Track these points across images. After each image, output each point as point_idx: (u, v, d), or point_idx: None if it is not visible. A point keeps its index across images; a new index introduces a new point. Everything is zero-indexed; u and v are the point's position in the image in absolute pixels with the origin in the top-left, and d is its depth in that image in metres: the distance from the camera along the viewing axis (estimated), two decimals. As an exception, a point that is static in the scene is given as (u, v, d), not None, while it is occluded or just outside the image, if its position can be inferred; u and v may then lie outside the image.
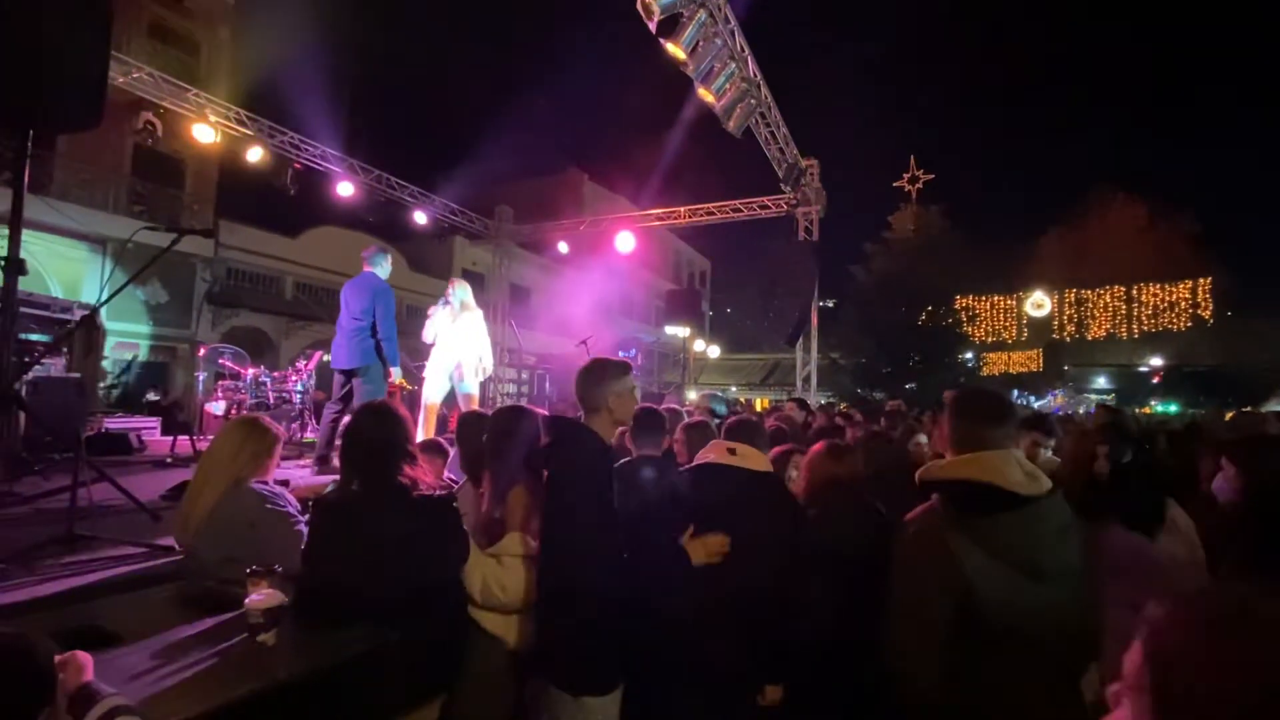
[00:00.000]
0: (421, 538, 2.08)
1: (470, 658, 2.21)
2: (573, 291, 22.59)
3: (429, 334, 5.46)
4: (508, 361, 14.40)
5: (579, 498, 2.04)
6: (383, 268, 5.13)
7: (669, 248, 33.08)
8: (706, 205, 12.89)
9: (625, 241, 13.19)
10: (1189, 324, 21.96)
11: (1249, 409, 15.80)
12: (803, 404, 6.64)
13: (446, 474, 3.14)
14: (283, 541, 2.24)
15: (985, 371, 25.71)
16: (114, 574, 2.40)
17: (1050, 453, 2.88)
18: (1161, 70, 68.00)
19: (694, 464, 2.19)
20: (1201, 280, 22.34)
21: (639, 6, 5.29)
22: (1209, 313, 22.23)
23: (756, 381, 25.05)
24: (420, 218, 12.14)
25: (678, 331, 13.19)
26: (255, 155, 9.41)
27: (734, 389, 25.39)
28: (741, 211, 12.42)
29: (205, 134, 8.78)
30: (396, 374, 5.04)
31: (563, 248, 14.27)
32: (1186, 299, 22.05)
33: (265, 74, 15.90)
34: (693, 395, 12.24)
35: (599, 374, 2.13)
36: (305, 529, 2.27)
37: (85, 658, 1.32)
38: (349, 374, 4.97)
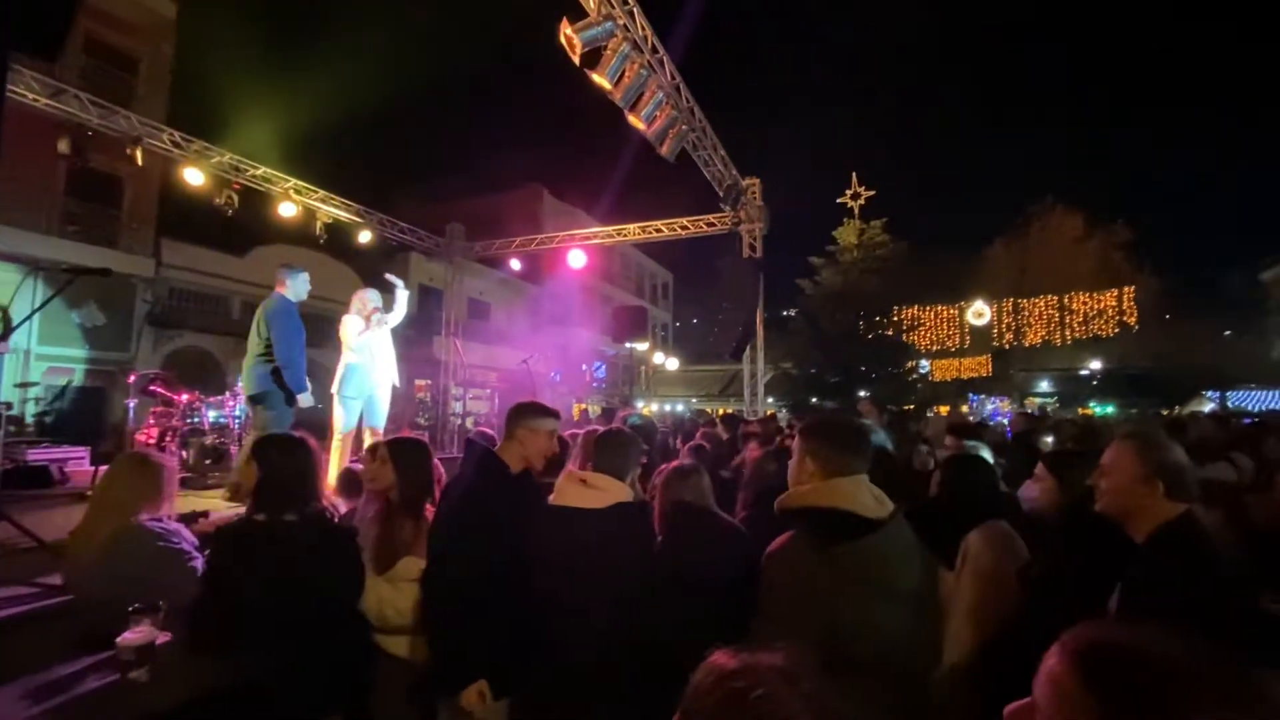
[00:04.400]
0: (319, 568, 2.14)
1: (374, 680, 2.30)
2: (533, 305, 22.61)
3: (362, 346, 5.22)
4: (458, 380, 14.37)
5: (454, 508, 2.18)
6: (292, 287, 4.96)
7: (631, 261, 33.36)
8: (656, 223, 13.16)
9: (577, 259, 13.41)
10: (1116, 330, 23.69)
11: (1174, 410, 16.69)
12: (731, 420, 6.80)
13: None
14: (176, 580, 2.24)
15: (937, 377, 26.67)
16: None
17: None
18: (1096, 87, 71.78)
19: (549, 505, 2.15)
20: (1126, 289, 23.97)
21: (562, 39, 5.48)
22: (1134, 319, 23.86)
23: (715, 393, 25.42)
24: (367, 236, 12.08)
25: (638, 344, 13.40)
26: (194, 177, 9.28)
27: (695, 400, 25.69)
28: (689, 229, 12.70)
29: (139, 158, 8.65)
30: (305, 400, 4.85)
31: (515, 265, 14.37)
32: (1113, 306, 23.80)
33: (208, 91, 15.65)
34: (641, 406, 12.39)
35: (519, 410, 2.35)
36: (201, 565, 2.32)
37: None
38: (251, 401, 4.87)
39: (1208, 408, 18.92)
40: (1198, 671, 0.58)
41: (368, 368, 5.28)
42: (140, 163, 8.47)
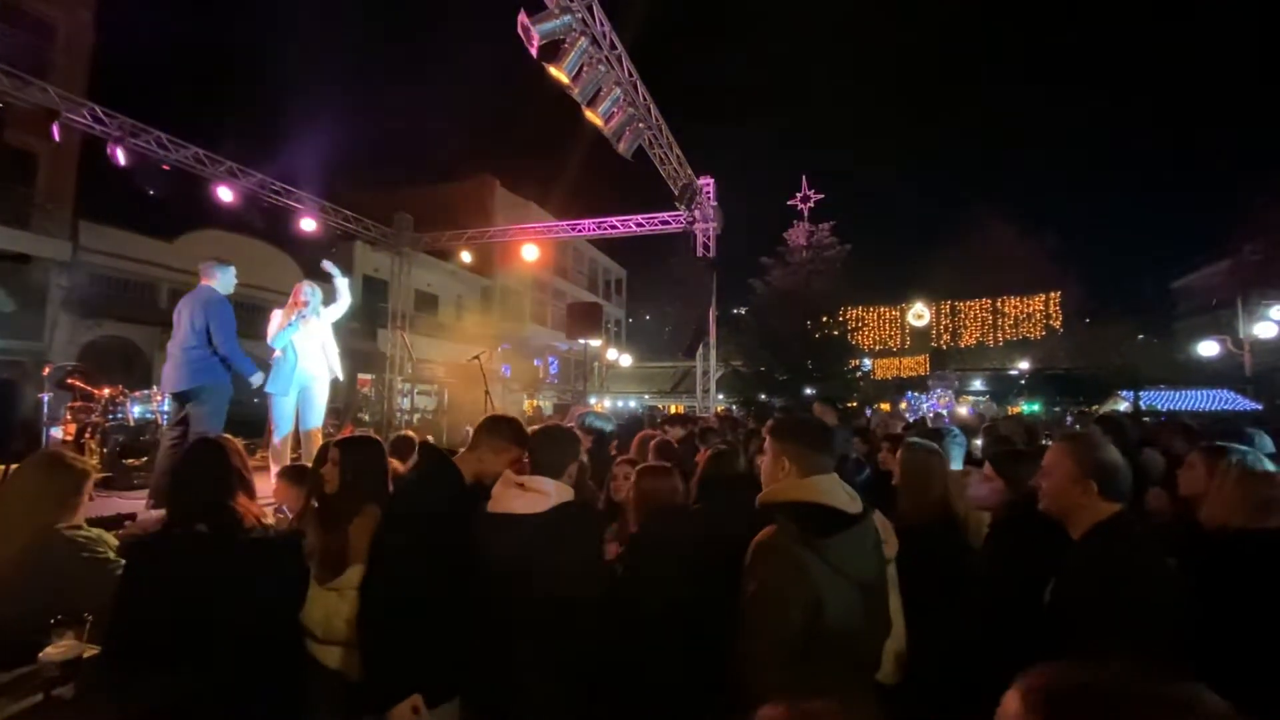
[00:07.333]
0: (248, 579, 2.03)
1: (313, 694, 2.18)
2: (484, 298, 22.22)
3: (280, 340, 5.09)
4: (405, 375, 14.00)
5: (403, 514, 2.11)
6: (221, 281, 4.86)
7: (584, 256, 33.20)
8: (611, 219, 13.16)
9: (530, 252, 13.29)
10: (1043, 332, 25.57)
11: (1093, 408, 17.83)
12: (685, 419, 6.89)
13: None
14: (101, 590, 2.09)
15: (878, 376, 27.78)
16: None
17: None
18: (1030, 105, 76.08)
19: (487, 512, 2.08)
20: (1052, 294, 25.83)
21: (519, 30, 5.39)
22: (1059, 322, 25.82)
23: (667, 389, 25.61)
24: (309, 224, 11.58)
25: (592, 341, 13.35)
26: (118, 156, 8.68)
27: (647, 397, 25.83)
28: (644, 226, 12.75)
29: (56, 133, 8.04)
30: (258, 379, 4.81)
31: (466, 257, 14.08)
32: (1040, 310, 25.70)
33: (134, 63, 14.65)
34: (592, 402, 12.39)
35: (495, 427, 2.28)
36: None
37: None
38: (181, 398, 4.66)
39: (1122, 406, 20.27)
40: (1144, 697, 0.61)
41: (293, 364, 5.14)
42: (58, 139, 7.88)
